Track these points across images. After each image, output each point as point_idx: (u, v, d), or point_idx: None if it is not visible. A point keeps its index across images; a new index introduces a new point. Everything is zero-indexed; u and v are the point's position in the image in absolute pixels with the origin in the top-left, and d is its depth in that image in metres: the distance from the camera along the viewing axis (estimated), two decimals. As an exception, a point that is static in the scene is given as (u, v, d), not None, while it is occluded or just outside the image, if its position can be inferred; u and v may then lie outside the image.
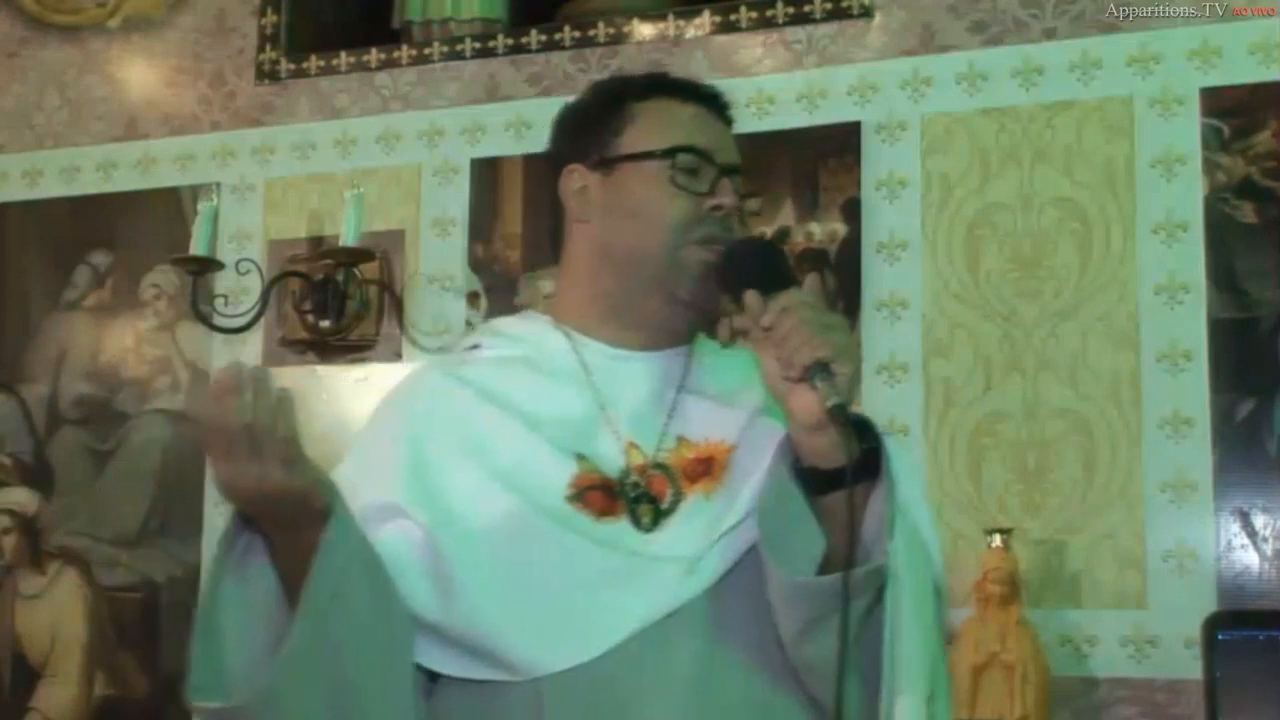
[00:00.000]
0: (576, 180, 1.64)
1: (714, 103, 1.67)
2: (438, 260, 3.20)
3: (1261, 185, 2.70)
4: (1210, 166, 2.72)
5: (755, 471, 1.52)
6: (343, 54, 3.36)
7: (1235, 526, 2.63)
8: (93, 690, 3.33)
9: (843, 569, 1.37)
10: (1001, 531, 2.64)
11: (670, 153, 1.59)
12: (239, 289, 3.27)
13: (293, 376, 3.27)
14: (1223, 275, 2.69)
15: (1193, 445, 2.66)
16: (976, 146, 2.87)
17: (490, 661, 1.50)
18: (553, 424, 1.58)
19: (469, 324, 3.13)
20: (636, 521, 1.55)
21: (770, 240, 1.62)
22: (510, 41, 3.25)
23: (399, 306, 3.20)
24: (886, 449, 1.46)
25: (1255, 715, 2.37)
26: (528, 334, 1.68)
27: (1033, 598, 2.67)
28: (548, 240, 1.73)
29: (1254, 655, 2.40)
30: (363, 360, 3.22)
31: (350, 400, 3.21)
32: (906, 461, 1.51)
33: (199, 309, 3.20)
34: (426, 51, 3.31)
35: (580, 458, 1.56)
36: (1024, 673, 2.53)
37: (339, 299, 3.17)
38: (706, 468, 1.58)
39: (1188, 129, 2.75)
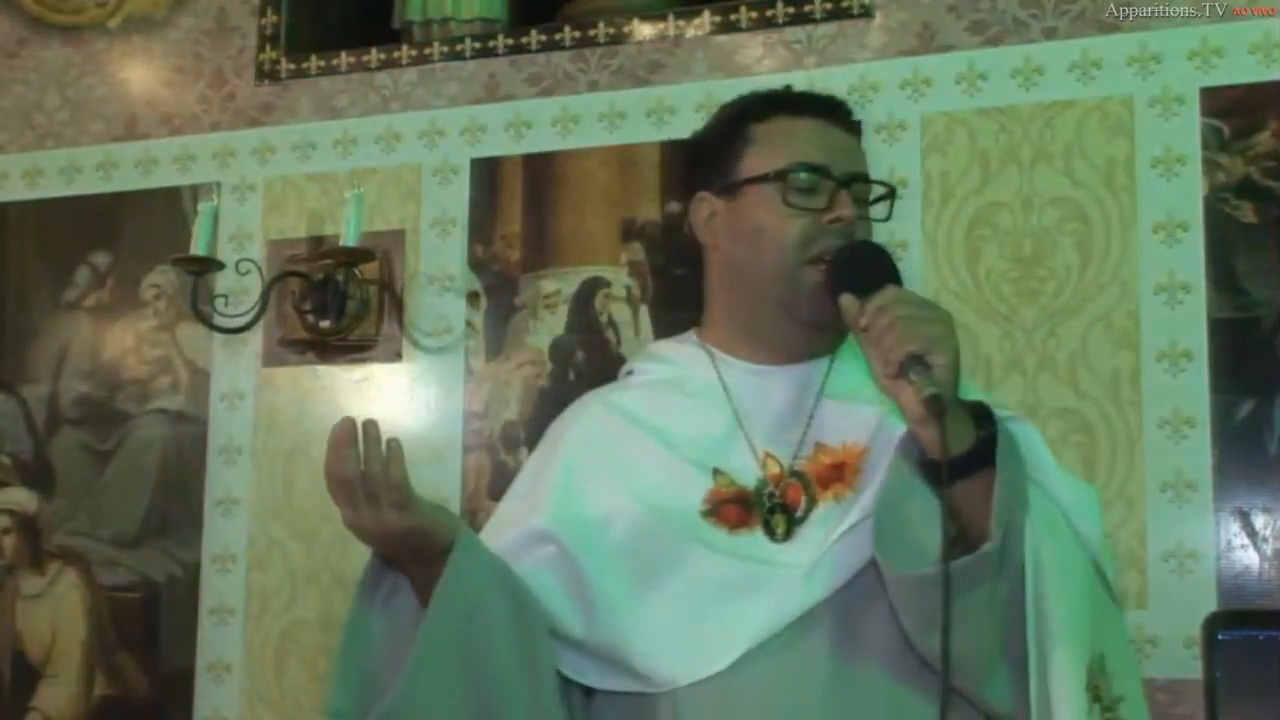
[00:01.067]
0: (705, 208, 1.70)
1: (836, 113, 1.71)
2: (438, 260, 3.20)
3: (1261, 185, 2.70)
4: (1210, 166, 2.72)
5: (883, 472, 1.54)
6: (343, 54, 3.36)
7: (1235, 526, 2.63)
8: (93, 690, 3.33)
9: (942, 560, 1.38)
10: (1001, 531, 2.64)
11: (783, 174, 1.62)
12: (239, 289, 3.27)
13: (293, 376, 3.27)
14: (1223, 275, 2.69)
15: (1193, 445, 2.66)
16: (976, 146, 2.87)
17: (631, 675, 1.56)
18: (692, 443, 1.64)
19: (469, 324, 3.14)
20: (770, 532, 1.59)
21: (866, 242, 1.63)
22: (510, 41, 3.25)
23: (399, 306, 3.20)
24: (1006, 431, 1.46)
25: (1255, 715, 2.36)
26: (676, 357, 1.74)
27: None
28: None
29: (1254, 655, 2.39)
30: (363, 360, 3.22)
31: (350, 400, 3.21)
32: (1040, 444, 1.52)
33: (199, 309, 3.20)
34: (426, 51, 3.31)
35: (717, 473, 1.62)
36: (1024, 673, 2.53)
37: (339, 299, 3.17)
38: (839, 473, 1.61)
39: (1188, 129, 2.75)
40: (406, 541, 1.47)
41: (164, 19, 3.56)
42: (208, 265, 3.15)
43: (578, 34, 3.19)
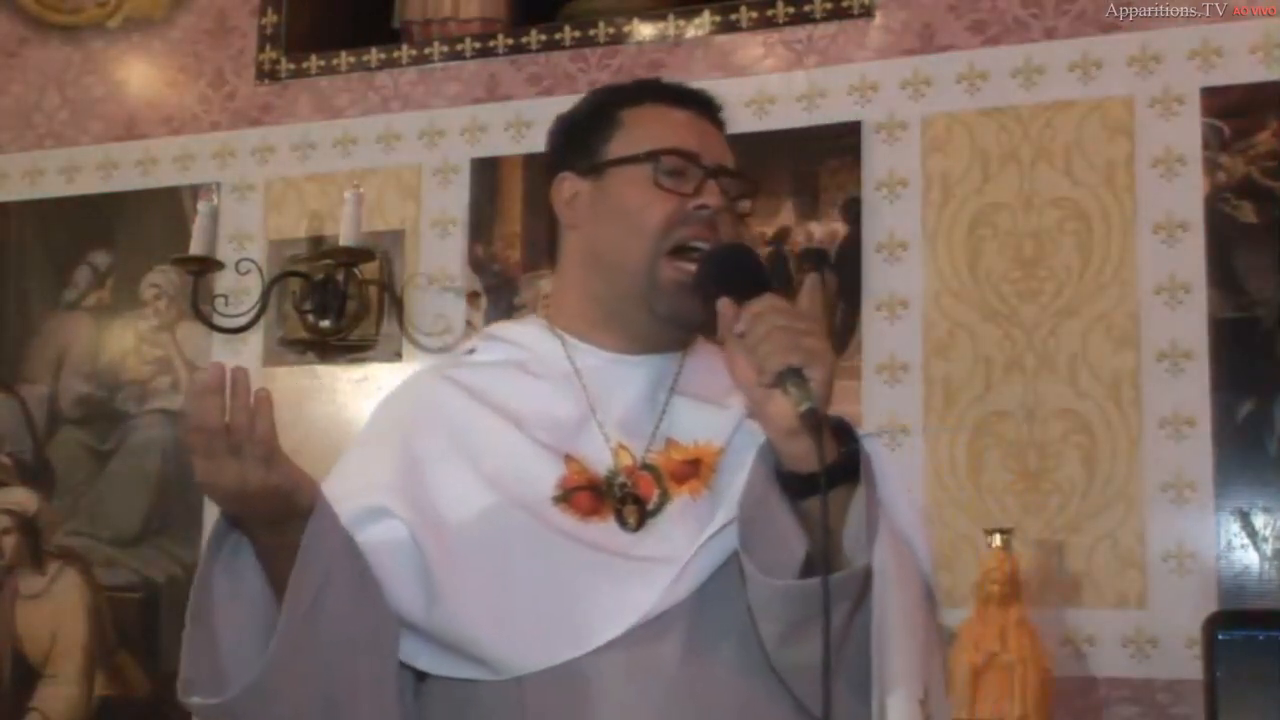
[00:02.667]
0: (568, 188, 1.66)
1: (706, 106, 1.68)
2: (438, 260, 3.20)
3: (1261, 185, 2.70)
4: (1210, 166, 2.72)
5: (742, 474, 1.51)
6: (343, 54, 3.36)
7: (1235, 526, 2.63)
8: (93, 690, 3.33)
9: (821, 574, 1.36)
10: (1001, 531, 2.64)
11: (654, 155, 1.59)
12: (239, 289, 3.27)
13: (293, 376, 3.27)
14: (1223, 275, 2.69)
15: (1193, 445, 2.66)
16: (976, 146, 2.87)
17: (472, 660, 1.51)
18: (542, 426, 1.59)
19: (469, 324, 3.14)
20: (623, 522, 1.55)
21: (745, 245, 1.60)
22: (510, 41, 3.25)
23: (399, 306, 3.20)
24: (866, 451, 1.45)
25: (1255, 715, 2.37)
26: (522, 338, 1.69)
27: (1033, 598, 2.67)
28: (546, 242, 1.74)
29: (1254, 655, 2.39)
30: (363, 360, 3.22)
31: (350, 400, 3.21)
32: (889, 463, 1.51)
33: (199, 309, 3.20)
34: (426, 51, 3.31)
35: (569, 459, 1.57)
36: (1024, 673, 2.53)
37: (339, 299, 3.17)
38: (694, 470, 1.58)
39: (1188, 129, 2.74)
40: (263, 501, 1.38)
41: (164, 19, 3.56)
42: (208, 265, 3.15)
43: (578, 34, 3.19)
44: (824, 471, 1.38)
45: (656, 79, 1.77)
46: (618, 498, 1.56)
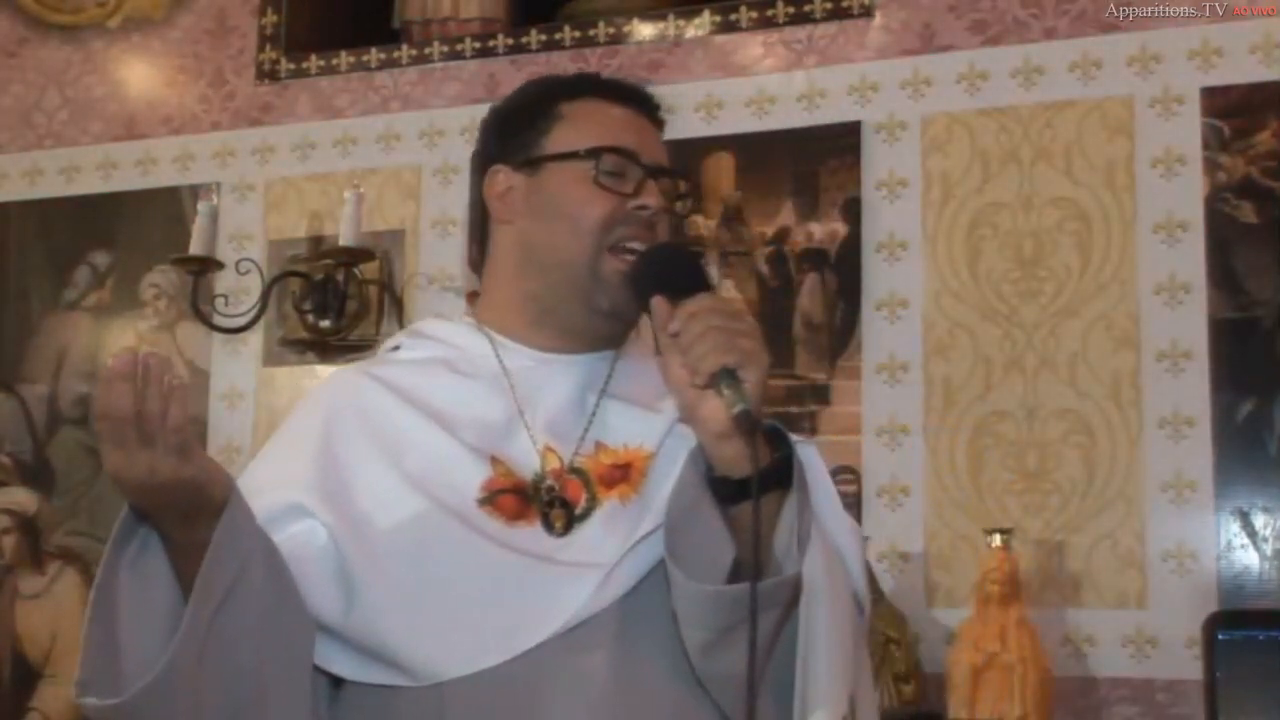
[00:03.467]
0: (502, 181, 1.61)
1: (646, 104, 1.65)
2: (438, 260, 3.20)
3: (1261, 185, 2.70)
4: (1210, 166, 2.72)
5: (672, 479, 1.48)
6: (343, 54, 3.36)
7: (1235, 526, 2.63)
8: (93, 690, 3.33)
9: (750, 580, 1.33)
10: (1001, 531, 2.64)
11: (595, 152, 1.56)
12: (239, 289, 3.27)
13: (293, 376, 3.27)
14: (1223, 275, 2.69)
15: (1193, 445, 2.66)
16: (976, 146, 2.87)
17: (390, 666, 1.46)
18: (468, 426, 1.55)
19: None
20: (549, 526, 1.51)
21: (682, 245, 1.58)
22: (510, 41, 3.25)
23: (399, 306, 3.20)
24: (799, 457, 1.43)
25: (1255, 715, 2.37)
26: (449, 336, 1.65)
27: (1033, 598, 2.67)
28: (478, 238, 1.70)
29: (1254, 655, 2.39)
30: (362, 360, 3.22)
31: (350, 400, 3.20)
32: (822, 470, 1.49)
33: (199, 309, 3.20)
34: (426, 51, 3.31)
35: (494, 460, 1.53)
36: (1024, 673, 2.53)
37: (339, 299, 3.17)
38: (624, 474, 1.54)
39: (1188, 129, 2.74)
40: (175, 494, 1.31)
41: (164, 19, 3.55)
42: (208, 265, 3.15)
43: (578, 34, 3.19)
44: (756, 474, 1.35)
45: (595, 73, 1.74)
46: (544, 501, 1.52)
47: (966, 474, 2.78)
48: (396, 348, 1.68)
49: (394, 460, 1.53)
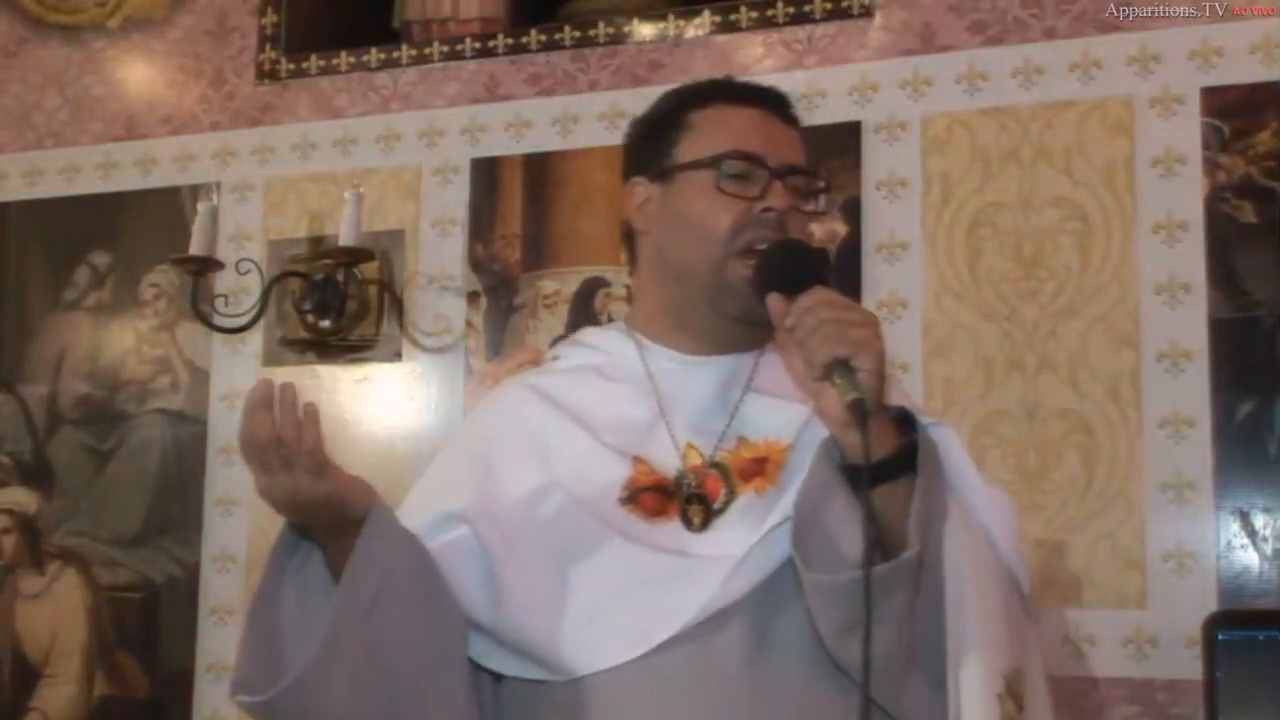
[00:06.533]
0: (640, 193, 1.67)
1: (775, 104, 1.68)
2: (438, 260, 3.20)
3: (1261, 185, 2.70)
4: (1210, 166, 2.72)
5: (806, 470, 1.52)
6: (343, 54, 3.36)
7: (1235, 526, 2.63)
8: (93, 690, 3.33)
9: (863, 568, 1.36)
10: (1001, 531, 2.64)
11: (717, 160, 1.60)
12: (239, 289, 3.27)
13: (292, 376, 3.26)
14: (1223, 275, 2.69)
15: (1193, 445, 2.66)
16: (976, 146, 2.87)
17: (535, 661, 1.53)
18: (613, 428, 1.61)
19: (469, 324, 3.14)
20: (687, 522, 1.56)
21: (798, 240, 1.60)
22: (510, 41, 3.25)
23: (399, 306, 3.20)
24: (927, 437, 1.45)
25: (1255, 715, 2.37)
26: (602, 343, 1.72)
27: (1033, 598, 2.66)
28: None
29: (1254, 655, 2.39)
30: (363, 360, 3.22)
31: (350, 400, 3.21)
32: (959, 449, 1.51)
33: (199, 309, 3.20)
34: (426, 51, 3.31)
35: (636, 460, 1.59)
36: (1024, 673, 2.53)
37: (339, 299, 3.17)
38: (760, 467, 1.58)
39: (1188, 129, 2.74)
40: (320, 510, 1.44)
41: (164, 19, 3.56)
42: (207, 265, 3.15)
43: (578, 34, 3.19)
44: (868, 464, 1.38)
45: (727, 78, 1.77)
46: (684, 497, 1.57)
47: (966, 474, 2.78)
48: (556, 358, 1.77)
49: (542, 464, 1.60)
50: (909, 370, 2.84)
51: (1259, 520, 2.62)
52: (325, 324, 3.19)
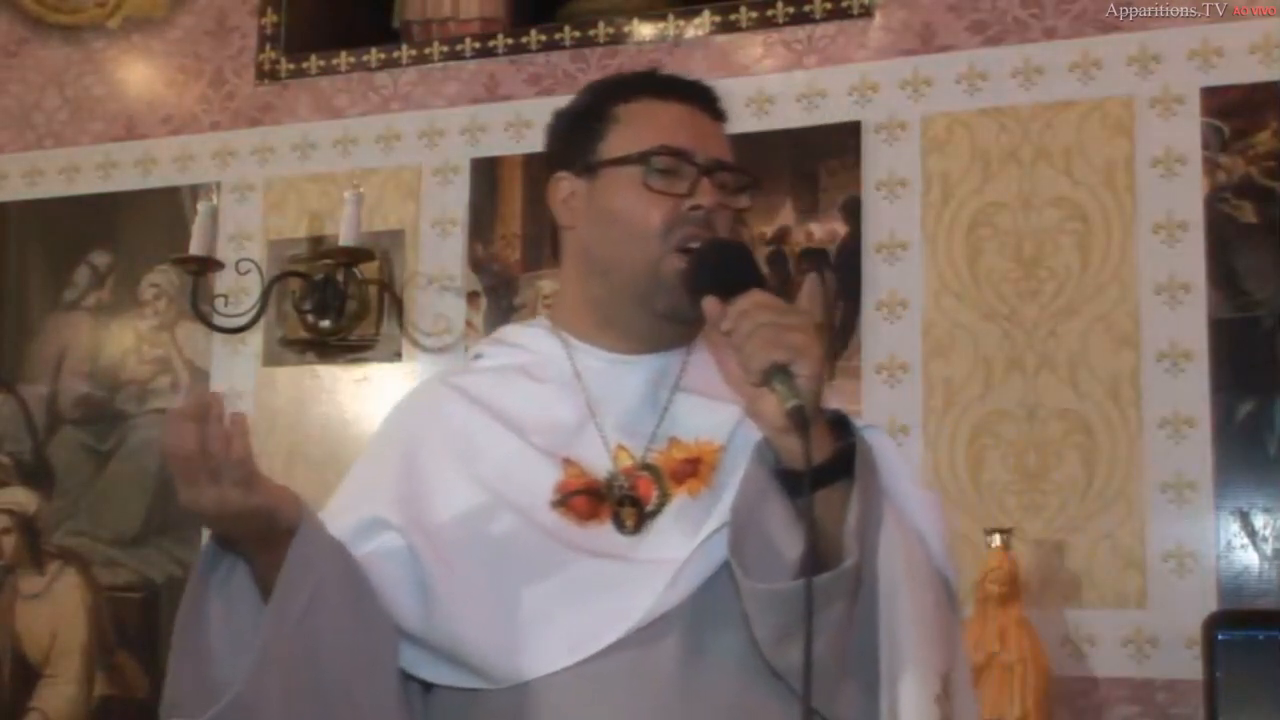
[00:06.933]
0: (564, 188, 1.62)
1: (703, 99, 1.63)
2: (438, 260, 3.20)
3: (1261, 185, 2.70)
4: (1210, 166, 2.72)
5: (741, 472, 1.48)
6: (343, 54, 3.36)
7: (1235, 526, 2.63)
8: (93, 690, 3.33)
9: (804, 574, 1.33)
10: (1001, 531, 2.64)
11: (645, 156, 1.56)
12: (239, 289, 3.27)
13: (292, 376, 3.27)
14: (1223, 275, 2.69)
15: (1193, 445, 2.66)
16: (976, 146, 2.87)
17: (470, 669, 1.49)
18: (541, 430, 1.57)
19: (469, 324, 3.14)
20: (620, 525, 1.53)
21: (734, 242, 1.57)
22: (510, 41, 3.25)
23: (399, 306, 3.20)
24: (865, 444, 1.43)
25: (1255, 715, 2.37)
26: (526, 342, 1.67)
27: (1033, 598, 2.67)
28: (548, 241, 1.73)
29: (1254, 655, 2.39)
30: (363, 360, 3.22)
31: (350, 400, 3.21)
32: (895, 454, 1.49)
33: (199, 309, 3.20)
34: (426, 51, 3.31)
35: (567, 462, 1.55)
36: (1024, 673, 2.53)
37: (339, 299, 3.17)
38: (693, 468, 1.56)
39: (1188, 129, 2.74)
40: (248, 522, 1.38)
41: (164, 19, 3.56)
42: (207, 265, 3.15)
43: (578, 34, 3.19)
44: (809, 472, 1.35)
45: (652, 71, 1.72)
46: (616, 500, 1.54)
47: (966, 474, 2.78)
48: (478, 356, 1.72)
49: (469, 467, 1.56)
50: (909, 370, 2.84)
51: (1259, 520, 2.62)
52: (325, 324, 3.19)
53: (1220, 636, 2.40)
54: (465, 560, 1.50)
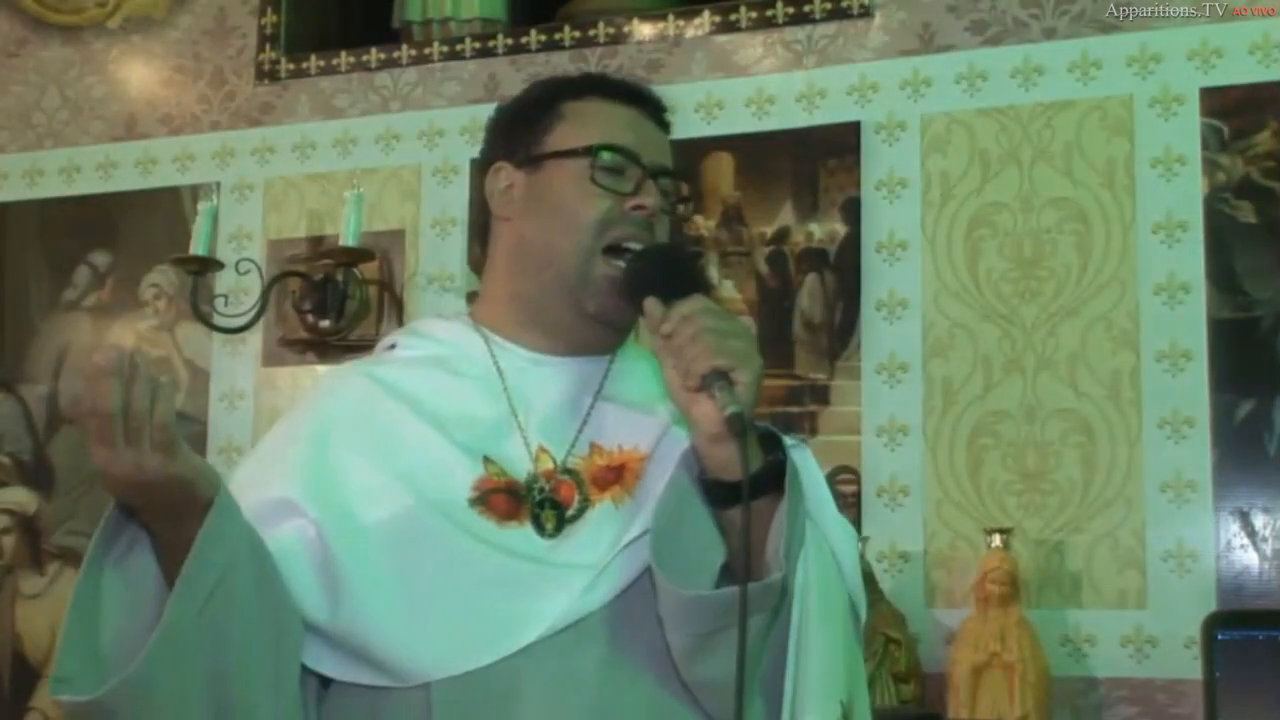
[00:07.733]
0: (503, 178, 1.60)
1: (650, 105, 1.62)
2: (438, 260, 3.20)
3: (1261, 185, 2.70)
4: (1210, 166, 2.72)
5: (664, 482, 1.47)
6: (343, 54, 3.36)
7: (1235, 526, 2.63)
8: (93, 690, 3.33)
9: (740, 579, 1.32)
10: (1001, 531, 2.64)
11: (594, 150, 1.54)
12: (239, 289, 3.27)
13: (292, 376, 3.27)
14: (1223, 275, 2.69)
15: (1193, 445, 2.66)
16: (976, 146, 2.87)
17: (376, 666, 1.45)
18: (461, 426, 1.53)
19: (469, 324, 3.14)
20: (540, 527, 1.50)
21: (677, 246, 1.56)
22: (510, 41, 3.25)
23: (399, 306, 3.20)
24: (792, 460, 1.42)
25: (1255, 715, 2.37)
26: (445, 335, 1.63)
27: (1033, 598, 2.67)
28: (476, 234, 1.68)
29: (1254, 655, 2.39)
30: (363, 360, 3.22)
31: (350, 400, 3.20)
32: (817, 474, 1.48)
33: (199, 309, 3.20)
34: (426, 51, 3.31)
35: (487, 461, 1.52)
36: (1024, 673, 2.53)
37: (339, 299, 3.17)
38: (617, 476, 1.53)
39: (1188, 129, 2.75)
40: (162, 492, 1.32)
41: (164, 19, 3.56)
42: (207, 265, 3.15)
43: (578, 34, 3.19)
44: (747, 478, 1.34)
45: (601, 73, 1.72)
46: (536, 502, 1.51)
47: (966, 474, 2.78)
48: (393, 346, 1.67)
49: (385, 459, 1.52)
50: (909, 370, 2.84)
51: (1259, 520, 2.62)
52: (325, 324, 3.19)
53: (1220, 636, 2.40)
54: (377, 553, 1.46)
